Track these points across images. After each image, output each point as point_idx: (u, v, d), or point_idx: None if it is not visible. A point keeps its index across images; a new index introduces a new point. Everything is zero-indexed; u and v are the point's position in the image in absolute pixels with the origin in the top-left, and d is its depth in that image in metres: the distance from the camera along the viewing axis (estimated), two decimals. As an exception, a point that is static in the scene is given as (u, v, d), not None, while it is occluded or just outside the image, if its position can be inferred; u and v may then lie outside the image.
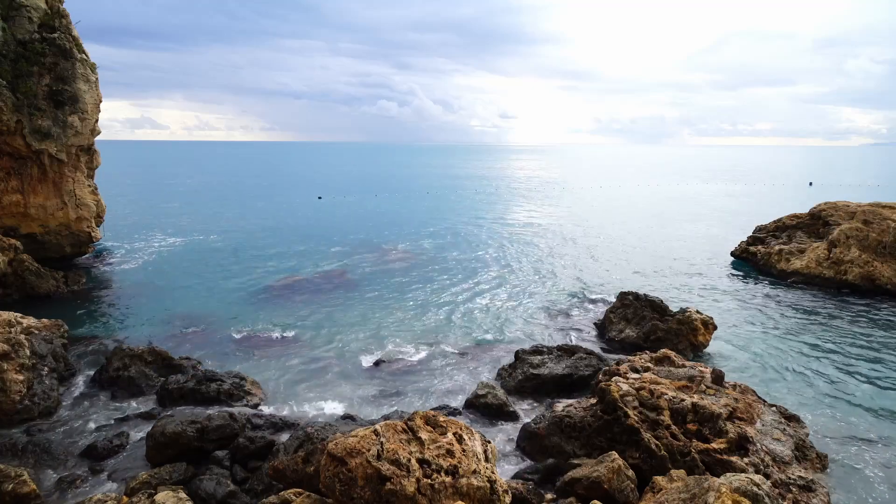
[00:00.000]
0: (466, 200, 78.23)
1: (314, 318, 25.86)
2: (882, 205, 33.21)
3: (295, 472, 11.94)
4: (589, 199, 79.90)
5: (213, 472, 13.55)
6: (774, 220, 39.18)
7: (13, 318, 18.79)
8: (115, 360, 19.39)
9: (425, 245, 44.20)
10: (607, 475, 11.83)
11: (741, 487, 10.25)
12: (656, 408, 13.82)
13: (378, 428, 10.79)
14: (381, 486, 9.82)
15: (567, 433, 14.33)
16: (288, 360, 21.14)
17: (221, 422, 15.05)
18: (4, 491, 12.02)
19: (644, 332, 22.86)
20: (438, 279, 33.52)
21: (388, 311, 27.17)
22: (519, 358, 20.21)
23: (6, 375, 16.37)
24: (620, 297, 24.86)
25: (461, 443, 10.94)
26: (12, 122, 29.40)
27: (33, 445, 14.86)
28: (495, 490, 10.57)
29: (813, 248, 33.29)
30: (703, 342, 22.12)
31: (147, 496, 11.82)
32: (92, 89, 32.59)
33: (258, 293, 30.18)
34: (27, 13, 30.20)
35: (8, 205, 31.14)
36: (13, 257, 28.11)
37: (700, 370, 15.95)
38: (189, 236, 46.23)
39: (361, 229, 51.80)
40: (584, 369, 19.09)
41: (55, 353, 19.10)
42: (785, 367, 20.79)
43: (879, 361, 21.22)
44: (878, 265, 30.08)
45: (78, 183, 33.74)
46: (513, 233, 50.61)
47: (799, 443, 13.94)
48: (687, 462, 12.61)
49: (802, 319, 26.12)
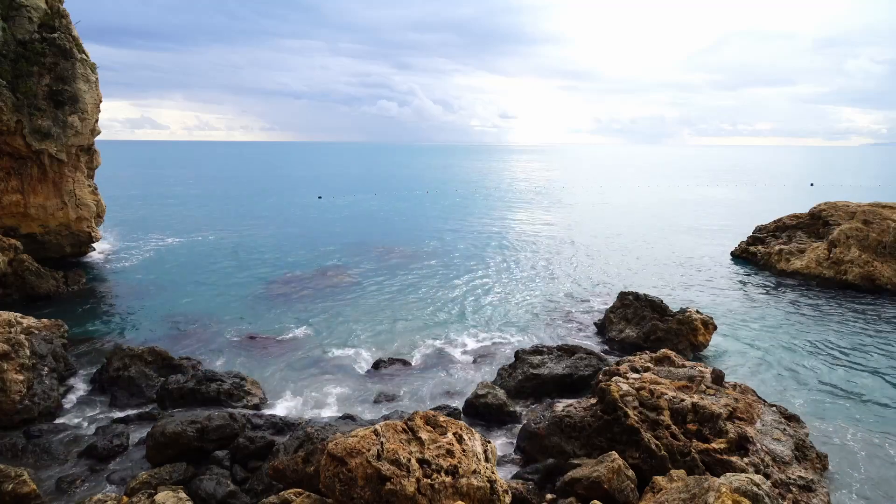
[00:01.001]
0: (466, 200, 78.23)
1: (314, 318, 25.86)
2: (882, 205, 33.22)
3: (295, 472, 11.94)
4: (588, 200, 79.89)
5: (213, 472, 13.55)
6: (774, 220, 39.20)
7: (13, 318, 18.78)
8: (115, 360, 19.39)
9: (425, 245, 44.20)
10: (607, 475, 11.83)
11: (741, 487, 10.25)
12: (656, 408, 13.82)
13: (378, 428, 10.79)
14: (381, 486, 9.82)
15: (567, 433, 14.33)
16: (288, 360, 21.14)
17: (221, 422, 15.05)
18: (4, 491, 12.02)
19: (644, 332, 22.86)
20: (438, 279, 33.51)
21: (389, 311, 27.17)
22: (519, 358, 20.20)
23: (6, 375, 16.37)
24: (620, 297, 24.86)
25: (461, 443, 10.94)
26: (12, 122, 29.41)
27: (33, 445, 14.87)
28: (495, 490, 10.57)
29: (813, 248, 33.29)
30: (703, 342, 22.12)
31: (147, 496, 11.82)
32: (92, 89, 32.59)
33: (258, 293, 30.18)
34: (27, 13, 30.20)
35: (8, 205, 31.14)
36: (13, 257, 28.10)
37: (700, 370, 15.95)
38: (189, 236, 46.22)
39: (361, 229, 51.80)
40: (584, 369, 19.08)
41: (55, 353, 19.10)
42: (785, 367, 20.79)
43: (879, 361, 21.22)
44: (878, 265, 30.09)
45: (78, 183, 33.73)
46: (512, 233, 50.61)
47: (799, 443, 13.94)
48: (687, 462, 12.61)
49: (802, 319, 26.12)
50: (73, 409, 17.48)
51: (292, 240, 45.78)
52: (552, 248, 43.16)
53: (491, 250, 42.44)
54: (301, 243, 44.24)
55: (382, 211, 65.44)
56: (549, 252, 41.78)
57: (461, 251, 42.02)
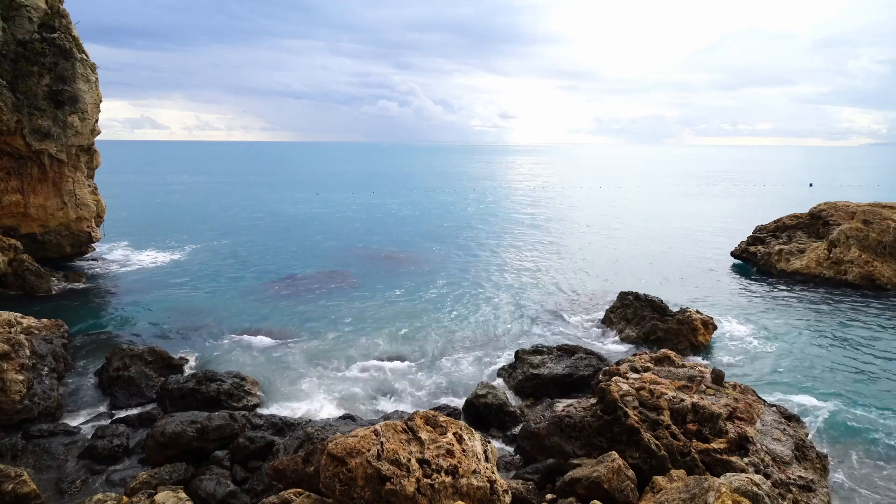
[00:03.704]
0: (466, 200, 78.23)
1: (315, 318, 25.85)
2: (882, 205, 33.21)
3: (295, 472, 11.93)
4: (588, 200, 79.90)
5: (213, 472, 13.55)
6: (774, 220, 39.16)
7: (13, 318, 18.78)
8: (115, 360, 19.39)
9: (425, 245, 44.19)
10: (607, 475, 11.82)
11: (741, 487, 10.25)
12: (656, 408, 13.82)
13: (378, 428, 10.79)
14: (381, 486, 9.82)
15: (567, 433, 14.32)
16: (288, 360, 21.13)
17: (221, 422, 15.05)
18: (4, 491, 12.01)
19: (644, 332, 22.87)
20: (438, 279, 33.51)
21: (389, 311, 27.17)
22: (519, 358, 20.21)
23: (6, 375, 16.37)
24: (620, 297, 24.86)
25: (461, 443, 10.94)
26: (12, 122, 29.40)
27: (33, 445, 14.86)
28: (495, 490, 10.57)
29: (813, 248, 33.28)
30: (703, 342, 22.13)
31: (147, 496, 11.82)
32: (92, 89, 32.58)
33: (258, 293, 30.18)
34: (27, 13, 30.19)
35: (8, 205, 31.13)
36: (13, 257, 28.11)
37: (700, 370, 15.95)
38: (189, 236, 46.20)
39: (361, 229, 51.81)
40: (584, 369, 19.09)
41: (55, 353, 19.09)
42: (785, 367, 20.78)
43: (879, 361, 21.21)
44: (878, 265, 30.09)
45: (78, 183, 33.72)
46: (512, 233, 50.61)
47: (799, 443, 13.93)
48: (687, 462, 12.61)
49: (802, 319, 26.12)
50: (73, 409, 17.48)
51: (292, 240, 45.77)
52: (552, 248, 43.15)
53: (491, 250, 42.43)
54: (301, 243, 44.24)
55: (383, 211, 65.44)
56: (549, 252, 41.77)
57: (461, 251, 42.01)
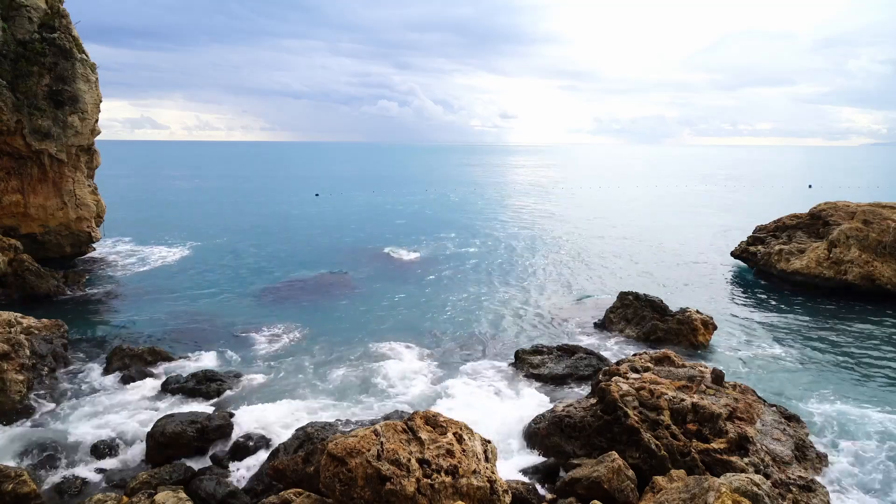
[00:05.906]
0: (466, 200, 78.20)
1: (315, 318, 25.85)
2: (882, 205, 33.16)
3: (295, 472, 11.94)
4: (588, 200, 79.88)
5: (213, 472, 13.55)
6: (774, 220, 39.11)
7: (13, 318, 18.79)
8: (115, 359, 19.40)
9: (425, 244, 44.19)
10: (607, 475, 11.82)
11: (741, 487, 10.26)
12: (656, 408, 13.82)
13: (378, 428, 10.79)
14: (381, 486, 9.82)
15: (567, 433, 14.33)
16: (288, 360, 21.12)
17: (221, 422, 15.06)
18: (4, 491, 12.01)
19: (644, 331, 22.87)
20: (438, 279, 33.51)
21: (389, 311, 27.17)
22: (519, 358, 20.22)
23: (6, 375, 16.37)
24: (620, 297, 24.86)
25: (461, 443, 10.94)
26: (12, 122, 29.40)
27: (33, 445, 14.85)
28: (495, 490, 10.58)
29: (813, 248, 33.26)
30: (703, 342, 22.12)
31: (147, 496, 11.82)
32: (92, 89, 32.58)
33: (259, 292, 30.18)
34: (27, 13, 30.19)
35: (8, 205, 31.13)
36: (13, 257, 28.10)
37: (700, 370, 15.95)
38: (189, 236, 46.19)
39: (362, 229, 51.79)
40: (584, 369, 19.09)
41: (55, 353, 19.10)
42: (785, 367, 20.78)
43: (879, 361, 21.21)
44: (878, 265, 30.06)
45: (78, 183, 33.72)
46: (512, 233, 50.59)
47: (799, 443, 13.94)
48: (687, 462, 12.61)
49: (802, 319, 26.12)
50: (73, 409, 17.42)
51: (293, 239, 45.75)
52: (552, 248, 43.14)
53: (490, 250, 42.42)
54: (302, 243, 44.22)
55: (383, 211, 65.42)
56: (549, 251, 41.76)
57: (461, 251, 41.99)
